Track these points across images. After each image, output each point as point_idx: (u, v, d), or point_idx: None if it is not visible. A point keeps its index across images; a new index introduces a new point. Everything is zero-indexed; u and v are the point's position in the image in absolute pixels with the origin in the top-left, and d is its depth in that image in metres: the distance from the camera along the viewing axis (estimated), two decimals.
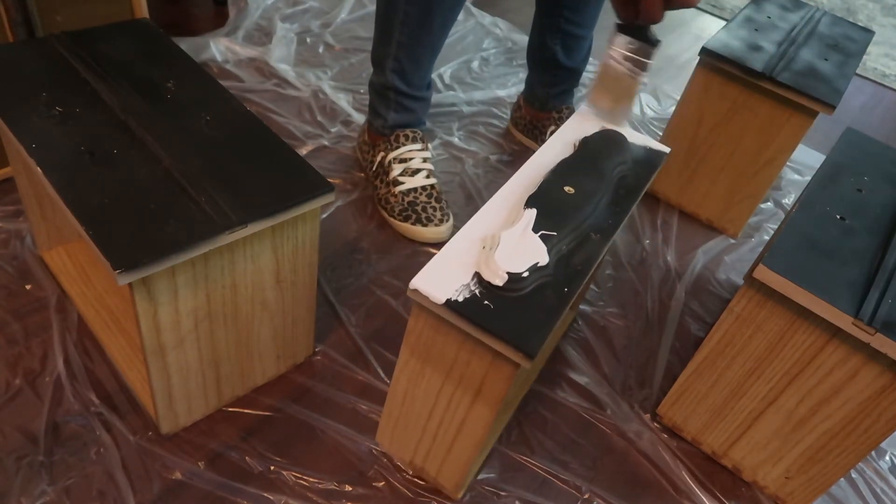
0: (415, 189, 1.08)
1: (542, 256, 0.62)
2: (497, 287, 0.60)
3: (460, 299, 0.59)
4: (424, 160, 1.11)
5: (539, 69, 1.28)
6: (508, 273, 0.60)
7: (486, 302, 0.59)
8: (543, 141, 1.28)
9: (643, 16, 0.75)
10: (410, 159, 1.10)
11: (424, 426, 0.73)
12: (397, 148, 1.11)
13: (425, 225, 1.07)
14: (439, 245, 1.08)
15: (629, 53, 0.79)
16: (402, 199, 1.08)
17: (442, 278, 0.60)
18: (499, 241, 0.62)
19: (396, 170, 1.09)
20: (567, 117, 1.28)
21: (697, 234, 1.24)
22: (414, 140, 1.11)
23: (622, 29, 0.79)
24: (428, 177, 1.10)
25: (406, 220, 1.08)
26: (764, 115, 1.10)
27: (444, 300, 0.58)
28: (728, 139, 1.15)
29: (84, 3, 1.03)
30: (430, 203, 1.07)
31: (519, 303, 0.60)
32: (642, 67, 0.80)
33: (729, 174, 1.19)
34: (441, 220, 1.08)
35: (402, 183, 1.08)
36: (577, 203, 0.69)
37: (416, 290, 0.59)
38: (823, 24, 1.23)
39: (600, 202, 0.71)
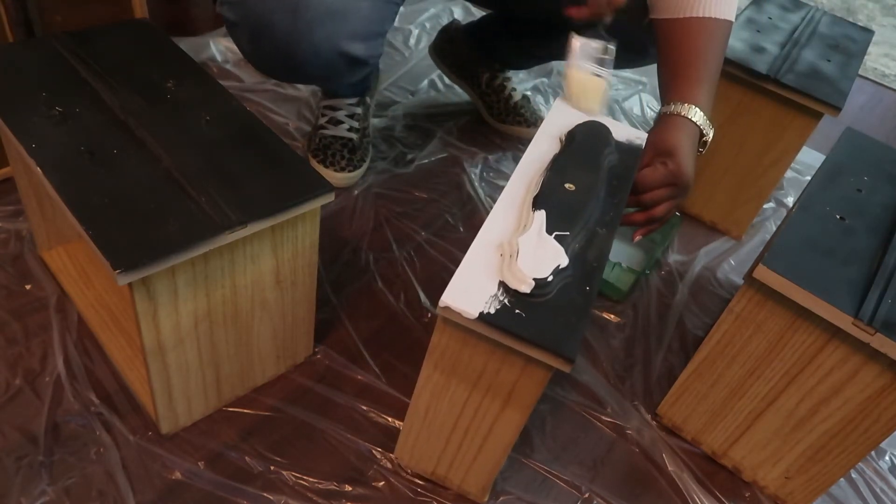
0: (333, 136, 1.17)
1: (562, 258, 0.62)
2: (525, 294, 0.60)
3: (492, 311, 0.58)
4: (351, 115, 1.17)
5: (511, 46, 1.30)
6: (534, 279, 0.60)
7: (517, 311, 0.59)
8: (478, 84, 1.35)
9: (592, 8, 0.76)
10: (338, 109, 1.17)
11: (448, 437, 0.73)
12: (327, 98, 1.19)
13: (326, 167, 1.15)
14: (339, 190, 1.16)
15: (589, 54, 0.81)
16: (320, 141, 1.17)
17: (469, 292, 0.60)
18: (517, 247, 0.62)
19: (322, 118, 1.18)
20: (498, 70, 1.34)
21: (700, 234, 1.24)
22: (345, 95, 1.18)
23: (578, 31, 0.80)
24: (349, 130, 1.17)
25: (315, 156, 1.17)
26: (768, 116, 1.10)
27: (477, 314, 0.58)
28: (732, 141, 1.15)
29: (84, 3, 1.03)
30: (342, 151, 1.15)
31: (547, 307, 0.60)
32: (605, 65, 0.81)
33: (733, 176, 1.19)
34: (343, 168, 1.15)
35: (326, 129, 1.17)
36: (580, 199, 0.69)
37: (447, 307, 0.59)
38: (824, 25, 1.23)
39: (599, 195, 0.72)
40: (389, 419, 0.84)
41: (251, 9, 0.86)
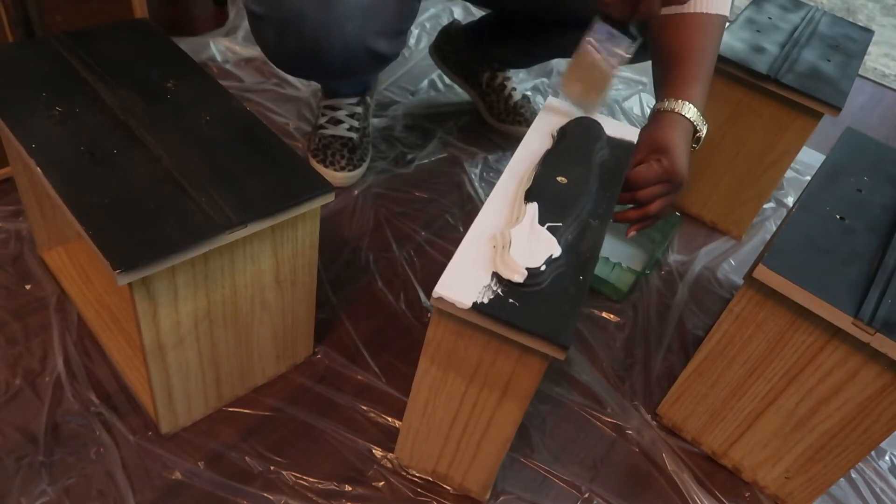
0: (333, 136, 1.17)
1: (554, 248, 0.62)
2: (518, 284, 0.60)
3: (486, 301, 0.59)
4: (351, 115, 1.17)
5: (511, 45, 1.29)
6: (527, 269, 0.60)
7: (510, 300, 0.59)
8: (478, 84, 1.35)
9: (643, 10, 0.73)
10: (338, 109, 1.17)
11: (448, 433, 0.73)
12: (327, 98, 1.19)
13: (326, 166, 1.16)
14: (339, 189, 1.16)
15: (609, 44, 0.78)
16: (320, 141, 1.18)
17: (462, 283, 0.60)
18: (510, 238, 0.62)
19: (322, 118, 1.18)
20: (498, 70, 1.34)
21: (700, 234, 1.24)
22: (345, 95, 1.18)
23: (605, 18, 0.77)
24: (349, 129, 1.17)
25: (315, 156, 1.17)
26: (768, 117, 1.10)
27: (470, 304, 0.58)
28: (732, 141, 1.15)
29: (84, 3, 1.03)
30: (342, 151, 1.16)
31: (540, 297, 0.60)
32: (619, 60, 0.78)
33: (733, 176, 1.19)
34: (343, 168, 1.15)
35: (326, 128, 1.18)
36: (573, 192, 0.70)
37: (440, 298, 0.59)
38: (823, 24, 1.23)
39: (591, 189, 0.72)
40: (389, 419, 0.84)
41: (282, 1, 0.86)
